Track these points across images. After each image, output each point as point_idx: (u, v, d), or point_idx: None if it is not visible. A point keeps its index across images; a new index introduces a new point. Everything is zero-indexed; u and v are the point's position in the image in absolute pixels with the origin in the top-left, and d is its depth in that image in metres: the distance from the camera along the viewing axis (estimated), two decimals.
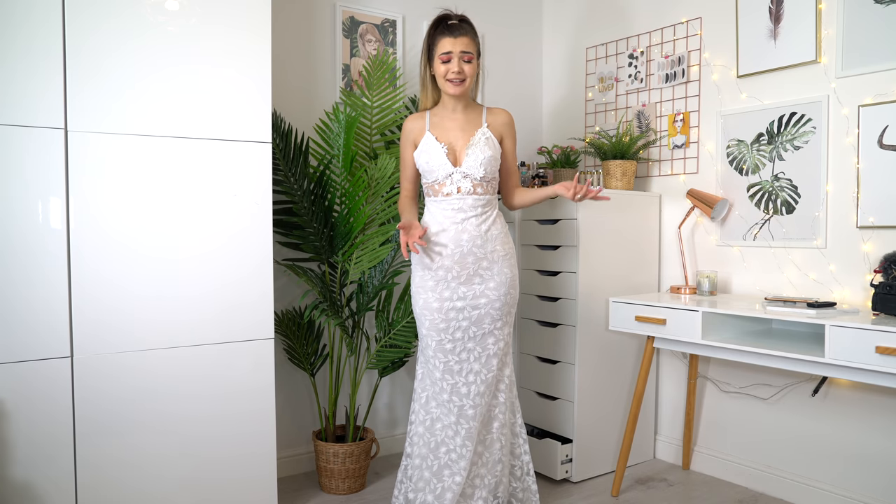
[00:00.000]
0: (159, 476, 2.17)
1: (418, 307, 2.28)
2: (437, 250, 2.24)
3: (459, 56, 2.20)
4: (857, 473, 2.47)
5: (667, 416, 3.12)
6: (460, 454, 2.23)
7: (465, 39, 2.21)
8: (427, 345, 2.27)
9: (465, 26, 2.23)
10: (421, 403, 2.30)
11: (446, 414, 2.25)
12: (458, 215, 2.23)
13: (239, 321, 2.29)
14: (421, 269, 2.28)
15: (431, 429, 2.27)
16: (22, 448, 1.97)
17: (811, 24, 2.54)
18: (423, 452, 2.28)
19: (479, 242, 2.24)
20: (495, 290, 2.27)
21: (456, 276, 2.24)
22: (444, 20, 2.24)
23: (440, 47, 2.21)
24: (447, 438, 2.25)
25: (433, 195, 2.28)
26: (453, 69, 2.20)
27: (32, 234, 1.97)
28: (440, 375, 2.25)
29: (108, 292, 2.08)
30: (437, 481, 2.25)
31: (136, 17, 2.09)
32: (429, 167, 2.25)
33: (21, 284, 1.96)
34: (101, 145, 2.06)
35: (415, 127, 2.33)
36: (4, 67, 1.92)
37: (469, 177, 2.23)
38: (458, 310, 2.24)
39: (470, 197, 2.23)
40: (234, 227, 2.28)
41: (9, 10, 1.92)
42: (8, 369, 1.95)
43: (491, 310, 2.27)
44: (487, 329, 2.27)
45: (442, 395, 2.25)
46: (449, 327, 2.24)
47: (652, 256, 3.07)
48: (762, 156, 2.72)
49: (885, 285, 2.13)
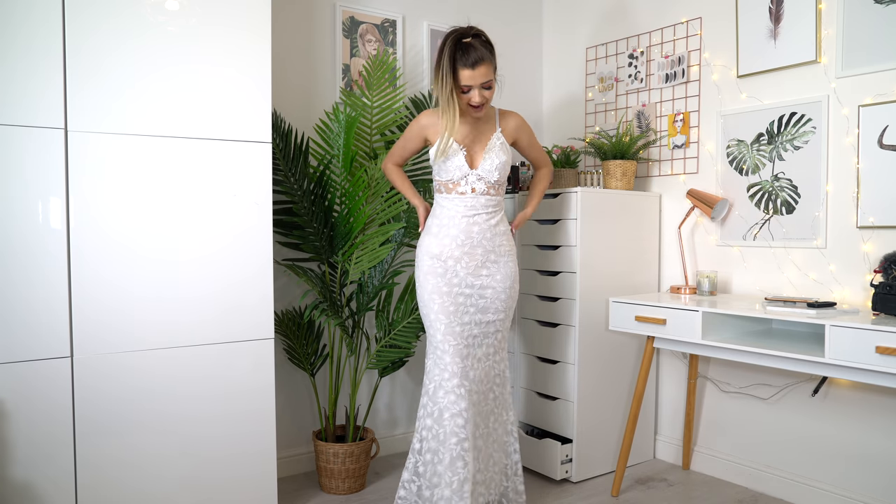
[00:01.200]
0: (159, 476, 2.17)
1: (426, 292, 2.31)
2: (447, 242, 2.31)
3: (479, 87, 2.23)
4: (858, 473, 2.47)
5: (667, 416, 3.12)
6: (471, 443, 2.21)
7: (483, 69, 2.19)
8: (436, 329, 2.28)
9: (482, 51, 2.19)
10: (429, 395, 2.28)
11: (454, 402, 2.21)
12: (470, 212, 2.32)
13: (239, 321, 2.29)
14: (429, 258, 2.32)
15: (440, 419, 2.23)
16: (22, 448, 1.97)
17: (811, 24, 2.54)
18: (434, 446, 2.24)
19: (488, 236, 2.34)
20: (501, 282, 2.36)
21: (465, 267, 2.31)
22: (458, 40, 2.18)
23: (461, 79, 2.20)
24: (456, 428, 2.20)
25: (446, 192, 2.35)
26: (475, 100, 2.24)
27: (32, 234, 1.97)
28: (450, 360, 2.24)
29: (107, 292, 2.08)
30: (452, 474, 2.19)
31: (136, 17, 2.09)
32: (446, 167, 2.32)
33: (21, 284, 1.96)
34: (101, 145, 2.06)
35: (432, 123, 2.36)
36: (4, 67, 1.92)
37: (484, 179, 2.32)
38: (466, 296, 2.32)
39: (483, 196, 2.33)
40: (234, 227, 2.28)
41: (9, 10, 1.92)
42: (8, 369, 1.95)
43: (496, 300, 2.35)
44: (491, 318, 2.35)
45: (452, 381, 2.22)
46: (458, 311, 2.30)
47: (652, 256, 3.07)
48: (762, 156, 2.72)
49: (885, 285, 2.13)
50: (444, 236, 2.32)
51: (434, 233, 2.34)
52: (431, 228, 2.36)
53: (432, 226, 2.36)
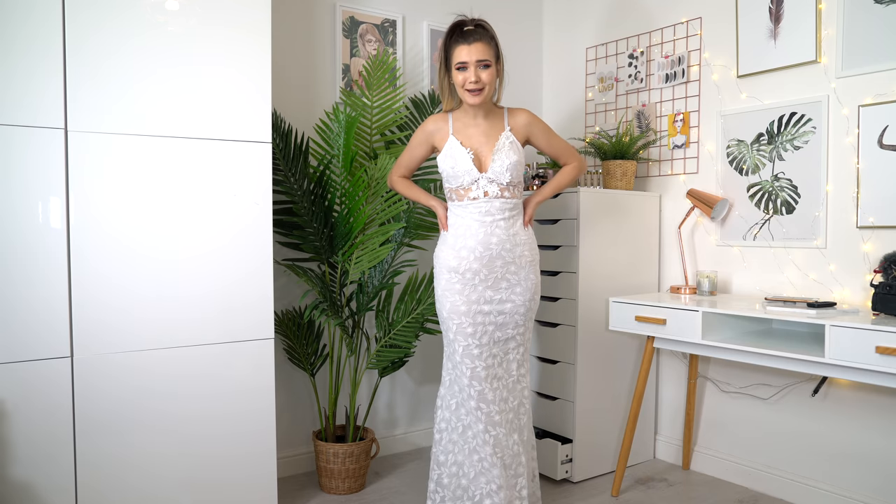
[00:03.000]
0: (159, 476, 2.17)
1: (445, 311, 2.23)
2: (465, 254, 2.20)
3: (476, 64, 2.12)
4: (857, 473, 2.47)
5: (667, 416, 3.12)
6: (492, 462, 2.18)
7: (481, 46, 2.12)
8: (454, 350, 2.22)
9: (481, 31, 2.14)
10: (451, 410, 2.24)
11: (475, 422, 2.19)
12: (486, 218, 2.19)
13: (239, 321, 2.29)
14: (447, 272, 2.23)
15: (464, 435, 2.21)
16: (22, 448, 1.97)
17: (811, 24, 2.54)
18: (459, 459, 2.22)
19: (507, 246, 2.21)
20: (521, 296, 2.25)
21: (483, 280, 2.20)
22: (458, 27, 2.15)
23: (455, 56, 2.14)
24: (478, 447, 2.19)
25: (458, 199, 2.23)
26: (470, 78, 2.12)
27: (32, 233, 1.97)
28: (467, 382, 2.20)
29: (108, 292, 2.08)
30: (475, 488, 2.19)
31: (136, 17, 2.09)
32: (454, 172, 2.20)
33: (21, 284, 1.96)
34: (102, 145, 2.06)
35: (438, 129, 2.27)
36: (5, 67, 1.92)
37: (495, 182, 2.19)
38: (484, 314, 2.21)
39: (497, 200, 2.19)
40: (235, 227, 2.28)
41: (9, 10, 1.92)
42: (8, 369, 1.95)
43: (516, 315, 2.25)
44: (510, 334, 2.25)
45: (470, 403, 2.19)
46: (476, 332, 2.20)
47: (652, 256, 3.07)
48: (762, 156, 2.72)
49: (885, 285, 2.13)
50: (462, 248, 2.20)
51: (451, 244, 2.22)
52: (448, 239, 2.24)
53: (448, 236, 2.25)
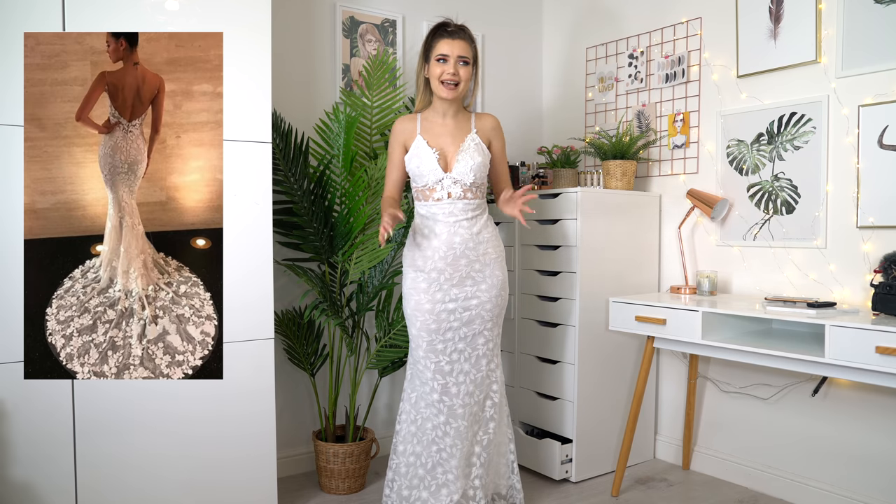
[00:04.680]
0: (159, 476, 2.17)
1: (409, 308, 2.30)
2: (429, 253, 2.26)
3: (456, 59, 2.23)
4: (858, 473, 2.47)
5: (667, 416, 3.12)
6: (450, 453, 2.26)
7: (463, 44, 2.24)
8: (417, 345, 2.29)
9: (464, 32, 2.27)
10: (411, 403, 2.33)
11: (436, 414, 2.27)
12: (449, 219, 2.26)
13: (239, 321, 2.29)
14: (413, 271, 2.30)
15: (423, 427, 2.30)
16: (22, 448, 1.97)
17: (811, 24, 2.53)
18: (417, 450, 2.31)
19: (471, 245, 2.26)
20: (487, 293, 2.30)
21: (448, 279, 2.26)
22: (443, 26, 2.27)
23: (437, 49, 2.24)
24: (437, 438, 2.28)
25: (423, 199, 2.29)
26: (448, 70, 2.22)
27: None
28: (431, 376, 2.27)
29: None
30: (431, 479, 2.28)
31: (136, 17, 2.09)
32: (419, 171, 2.27)
33: (21, 284, 1.96)
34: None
35: (405, 129, 2.33)
36: (5, 67, 1.92)
37: (459, 182, 2.25)
38: (449, 311, 2.27)
39: (460, 202, 2.26)
40: (235, 226, 2.28)
41: (9, 10, 1.92)
42: (8, 369, 1.95)
43: (482, 311, 2.29)
44: (478, 330, 2.30)
45: (432, 395, 2.27)
46: (440, 328, 2.26)
47: (652, 256, 3.07)
48: (762, 156, 2.72)
49: (885, 285, 2.13)
50: (427, 247, 2.26)
51: (417, 243, 2.29)
52: (415, 238, 2.31)
53: (415, 236, 2.31)
